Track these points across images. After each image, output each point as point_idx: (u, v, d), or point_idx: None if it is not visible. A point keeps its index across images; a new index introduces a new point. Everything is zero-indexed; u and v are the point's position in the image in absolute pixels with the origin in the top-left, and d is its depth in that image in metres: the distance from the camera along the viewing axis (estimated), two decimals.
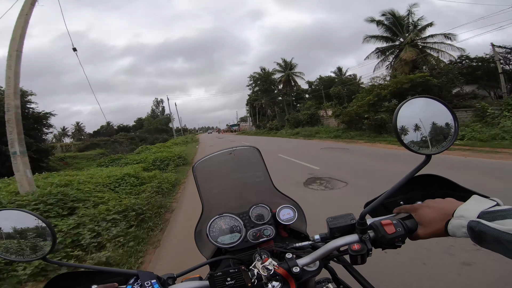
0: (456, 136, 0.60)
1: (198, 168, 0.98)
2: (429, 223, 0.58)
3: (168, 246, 3.38)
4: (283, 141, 20.46)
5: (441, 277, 1.98)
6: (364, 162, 7.61)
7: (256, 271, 0.63)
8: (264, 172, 0.97)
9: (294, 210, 0.86)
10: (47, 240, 0.64)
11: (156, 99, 72.56)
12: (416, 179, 0.74)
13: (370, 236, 0.64)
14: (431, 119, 0.61)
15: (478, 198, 0.54)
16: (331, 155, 9.86)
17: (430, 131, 0.60)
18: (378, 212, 0.75)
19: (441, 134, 0.60)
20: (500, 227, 0.43)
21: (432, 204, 0.60)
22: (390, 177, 4.61)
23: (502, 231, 0.42)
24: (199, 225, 0.91)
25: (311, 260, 0.66)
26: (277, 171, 7.23)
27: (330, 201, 4.38)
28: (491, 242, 0.45)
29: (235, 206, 0.90)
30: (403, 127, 0.60)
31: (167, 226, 4.19)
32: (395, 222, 0.62)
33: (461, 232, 0.50)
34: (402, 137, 0.60)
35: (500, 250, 0.45)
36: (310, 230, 0.90)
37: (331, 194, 4.77)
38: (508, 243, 0.42)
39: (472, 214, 0.49)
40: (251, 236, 0.82)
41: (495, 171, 5.20)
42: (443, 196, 0.63)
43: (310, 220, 0.94)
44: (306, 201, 3.96)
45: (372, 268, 0.73)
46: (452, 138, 0.60)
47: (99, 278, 0.72)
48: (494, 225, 0.44)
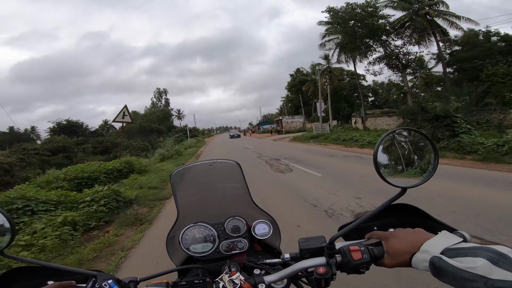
0: (434, 172, 0.61)
1: (175, 176, 0.98)
2: (396, 254, 0.59)
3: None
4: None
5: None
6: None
7: (222, 284, 0.63)
8: (243, 185, 0.96)
9: (270, 225, 0.85)
10: (5, 235, 0.62)
11: (158, 89, 59.80)
12: (392, 207, 0.75)
13: (336, 260, 0.65)
14: (412, 152, 0.62)
15: (446, 234, 0.55)
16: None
17: (409, 163, 0.62)
18: (350, 236, 0.75)
19: (420, 167, 0.62)
20: (458, 264, 0.45)
21: (402, 235, 0.61)
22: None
23: (458, 268, 0.45)
24: (172, 231, 0.90)
25: (278, 278, 0.67)
26: None
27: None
28: (448, 277, 0.47)
29: (211, 216, 0.88)
30: (384, 158, 0.62)
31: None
32: (362, 249, 0.63)
33: (423, 266, 0.53)
34: (381, 169, 0.60)
35: (455, 285, 0.47)
36: (289, 246, 0.87)
37: None
38: (461, 279, 0.45)
39: (436, 250, 0.51)
40: (224, 247, 0.81)
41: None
42: (415, 225, 0.64)
43: None
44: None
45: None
46: (430, 173, 0.61)
47: (56, 275, 0.71)
48: (452, 262, 0.46)
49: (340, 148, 14.01)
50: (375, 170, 0.60)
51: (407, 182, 0.61)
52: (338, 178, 6.51)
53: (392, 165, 0.62)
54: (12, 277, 0.70)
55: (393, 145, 0.62)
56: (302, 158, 10.36)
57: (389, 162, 0.62)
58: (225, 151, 18.68)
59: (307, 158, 10.30)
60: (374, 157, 0.60)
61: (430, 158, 0.62)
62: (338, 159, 9.84)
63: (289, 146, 17.73)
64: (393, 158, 0.62)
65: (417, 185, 0.61)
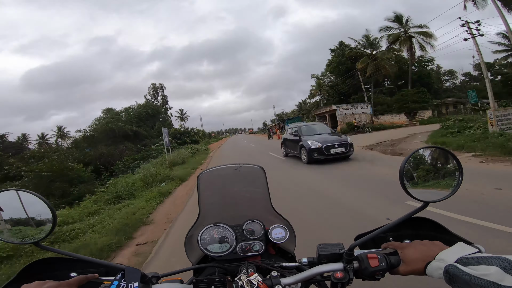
0: (458, 188, 0.62)
1: (202, 177, 1.01)
2: (411, 262, 0.61)
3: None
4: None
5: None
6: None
7: (240, 283, 0.66)
8: (265, 190, 0.98)
9: (287, 230, 0.87)
10: (45, 225, 0.64)
11: (153, 84, 48.30)
12: (409, 219, 0.76)
13: (354, 266, 0.67)
14: (436, 169, 0.63)
15: (462, 245, 0.57)
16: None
17: (434, 179, 0.63)
18: (366, 245, 0.77)
19: (444, 183, 0.63)
20: (472, 272, 0.48)
21: (419, 246, 0.64)
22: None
23: (472, 275, 0.47)
24: (191, 230, 0.93)
25: (294, 281, 0.69)
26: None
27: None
28: (461, 284, 0.49)
29: (230, 217, 0.90)
30: (409, 172, 0.63)
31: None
32: (380, 257, 0.65)
33: (438, 274, 0.55)
34: (406, 183, 0.62)
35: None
36: (299, 251, 0.88)
37: None
38: (475, 285, 0.46)
39: (451, 258, 0.53)
40: (240, 249, 0.83)
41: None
42: (431, 238, 0.66)
43: None
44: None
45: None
46: (454, 189, 0.63)
47: (80, 267, 0.73)
48: (466, 270, 0.48)
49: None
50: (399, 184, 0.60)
51: (430, 197, 0.62)
52: None
53: (417, 180, 0.63)
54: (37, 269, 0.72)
55: (420, 161, 0.63)
56: None
57: (414, 176, 0.63)
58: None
59: None
60: (400, 171, 0.61)
61: (455, 175, 0.63)
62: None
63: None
64: (419, 174, 0.63)
65: (439, 200, 0.62)
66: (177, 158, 15.08)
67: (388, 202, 4.04)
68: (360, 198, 4.57)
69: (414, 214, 0.65)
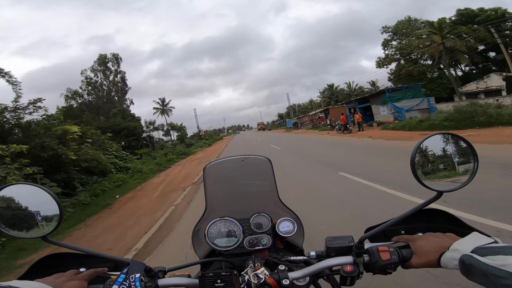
0: (473, 176, 0.59)
1: (209, 170, 1.00)
2: (424, 254, 0.60)
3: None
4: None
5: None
6: None
7: (247, 277, 0.65)
8: (272, 182, 0.97)
9: (294, 223, 0.86)
10: (53, 220, 0.64)
11: (101, 56, 33.44)
12: (421, 211, 0.74)
13: (364, 259, 0.65)
14: (450, 156, 0.60)
15: (477, 235, 0.56)
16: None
17: (447, 168, 0.60)
18: (376, 238, 0.76)
19: (459, 171, 0.60)
20: (490, 262, 0.46)
21: (431, 237, 0.62)
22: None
23: (490, 266, 0.45)
24: (198, 224, 0.92)
25: (302, 275, 0.68)
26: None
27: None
28: (478, 276, 0.47)
29: (237, 211, 0.90)
30: (421, 161, 0.60)
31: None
32: (391, 250, 0.63)
33: (452, 265, 0.53)
34: (418, 171, 0.59)
35: (485, 284, 0.47)
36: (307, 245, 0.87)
37: None
38: (494, 277, 0.44)
39: (467, 248, 0.52)
40: (248, 243, 0.83)
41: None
42: (444, 230, 0.64)
43: None
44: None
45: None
46: (470, 177, 0.59)
47: (89, 262, 0.74)
48: (484, 260, 0.46)
49: None
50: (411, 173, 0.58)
51: (443, 186, 0.59)
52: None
53: (429, 168, 0.60)
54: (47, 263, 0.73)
55: (432, 148, 0.60)
56: None
57: (426, 165, 0.60)
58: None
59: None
60: (411, 160, 0.59)
61: (470, 163, 0.60)
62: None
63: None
64: (431, 162, 0.61)
65: (454, 189, 0.59)
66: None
67: None
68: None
69: (427, 205, 0.62)
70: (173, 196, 6.69)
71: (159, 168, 13.44)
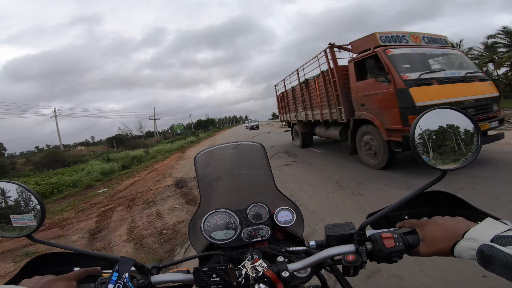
0: (478, 152, 0.56)
1: (199, 159, 0.96)
2: (434, 241, 0.56)
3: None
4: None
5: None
6: None
7: (244, 271, 0.63)
8: (267, 170, 0.94)
9: (293, 212, 0.83)
10: (36, 217, 0.62)
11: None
12: (425, 194, 0.71)
13: (367, 248, 0.62)
14: (452, 132, 0.57)
15: (492, 221, 0.52)
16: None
17: (449, 145, 0.57)
18: (380, 225, 0.73)
19: (462, 148, 0.57)
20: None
21: (441, 222, 0.58)
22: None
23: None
24: (194, 218, 0.90)
25: (302, 266, 0.65)
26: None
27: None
28: (500, 267, 0.44)
29: (233, 202, 0.87)
30: (421, 139, 0.57)
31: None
32: (395, 236, 0.60)
33: (469, 255, 0.49)
34: (419, 149, 0.56)
35: (508, 276, 0.44)
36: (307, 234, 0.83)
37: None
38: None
39: (485, 237, 0.48)
40: (246, 234, 0.80)
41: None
42: (451, 214, 0.60)
43: None
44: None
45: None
46: (474, 154, 0.56)
47: (82, 261, 0.72)
48: (509, 251, 0.43)
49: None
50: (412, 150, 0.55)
51: (447, 165, 0.56)
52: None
53: (430, 146, 0.57)
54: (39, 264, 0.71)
55: (432, 124, 0.57)
56: None
57: (427, 142, 0.57)
58: None
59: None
60: (410, 137, 0.56)
61: (473, 139, 0.56)
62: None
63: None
64: (432, 139, 0.57)
65: (458, 168, 0.56)
66: None
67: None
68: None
69: (431, 186, 0.58)
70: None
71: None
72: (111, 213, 5.42)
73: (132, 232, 4.10)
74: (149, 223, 4.36)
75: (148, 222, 4.40)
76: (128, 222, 4.59)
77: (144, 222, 4.46)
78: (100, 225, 4.74)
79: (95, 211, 5.82)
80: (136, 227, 4.26)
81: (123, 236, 3.96)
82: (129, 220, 4.66)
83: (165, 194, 6.12)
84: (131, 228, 4.25)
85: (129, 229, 4.22)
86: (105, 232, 4.34)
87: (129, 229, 4.22)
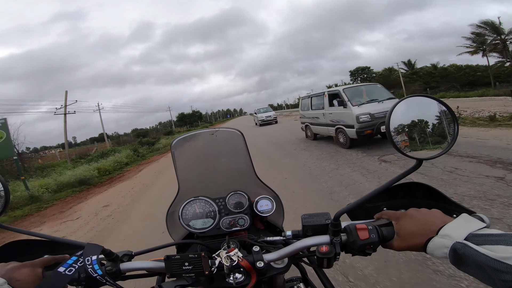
0: (454, 143, 0.55)
1: (176, 145, 0.92)
2: (408, 236, 0.54)
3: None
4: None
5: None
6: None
7: (218, 260, 0.61)
8: (247, 158, 0.91)
9: (273, 202, 0.82)
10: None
11: None
12: (403, 186, 0.71)
13: (341, 239, 0.60)
14: (429, 121, 0.56)
15: (467, 218, 0.49)
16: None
17: (426, 133, 0.56)
18: (358, 216, 0.72)
19: (438, 137, 0.56)
20: (489, 254, 0.40)
21: (416, 215, 0.56)
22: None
23: (490, 258, 0.40)
24: (172, 206, 0.88)
25: (278, 256, 0.64)
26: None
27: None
28: (472, 267, 0.42)
29: (212, 190, 0.85)
30: (397, 127, 0.55)
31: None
32: (370, 228, 0.58)
33: (442, 252, 0.47)
34: (394, 138, 0.55)
35: (480, 276, 0.42)
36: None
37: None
38: (492, 270, 0.39)
39: (459, 235, 0.45)
40: (225, 223, 0.79)
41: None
42: (429, 206, 0.59)
43: None
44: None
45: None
46: (450, 143, 0.55)
47: (51, 248, 0.70)
48: (482, 251, 0.41)
49: None
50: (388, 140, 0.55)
51: (423, 154, 0.55)
52: None
53: (406, 135, 0.56)
54: (10, 251, 0.69)
55: (408, 113, 0.56)
56: None
57: (403, 131, 0.56)
58: None
59: None
60: (386, 126, 0.54)
61: (449, 128, 0.56)
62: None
63: None
64: (408, 128, 0.56)
65: (434, 156, 0.55)
66: None
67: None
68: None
69: (407, 175, 0.57)
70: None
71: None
72: None
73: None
74: None
75: None
76: None
77: None
78: None
79: None
80: None
81: None
82: None
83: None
84: None
85: None
86: None
87: None
